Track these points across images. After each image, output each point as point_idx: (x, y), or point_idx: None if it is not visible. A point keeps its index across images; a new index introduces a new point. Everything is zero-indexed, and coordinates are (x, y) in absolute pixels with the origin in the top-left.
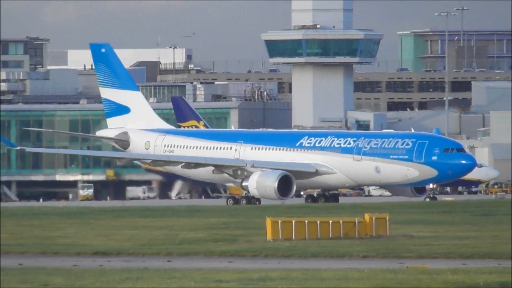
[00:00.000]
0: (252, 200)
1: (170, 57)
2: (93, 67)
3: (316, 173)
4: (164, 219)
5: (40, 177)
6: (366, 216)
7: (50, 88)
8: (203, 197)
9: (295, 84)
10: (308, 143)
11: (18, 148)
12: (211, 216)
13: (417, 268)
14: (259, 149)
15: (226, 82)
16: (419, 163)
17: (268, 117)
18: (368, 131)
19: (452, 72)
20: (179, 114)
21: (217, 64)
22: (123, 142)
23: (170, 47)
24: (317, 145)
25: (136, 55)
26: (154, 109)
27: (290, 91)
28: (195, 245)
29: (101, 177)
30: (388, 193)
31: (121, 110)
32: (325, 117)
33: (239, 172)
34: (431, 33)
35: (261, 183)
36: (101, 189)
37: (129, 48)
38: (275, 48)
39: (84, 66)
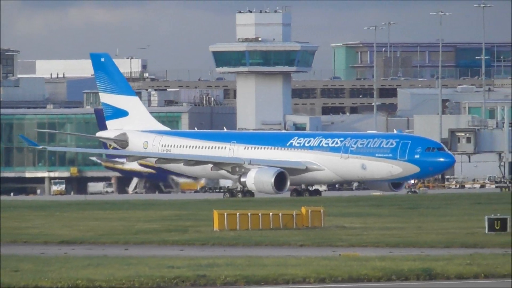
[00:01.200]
0: (246, 194)
1: (128, 66)
2: (58, 75)
3: (306, 170)
4: (122, 212)
5: (11, 174)
6: (303, 209)
7: (20, 95)
8: (157, 192)
9: (239, 91)
10: (298, 143)
11: (40, 147)
12: (164, 209)
13: (348, 255)
14: (251, 148)
15: (177, 89)
16: (403, 161)
17: (215, 120)
18: (354, 132)
19: (380, 80)
20: None
21: (170, 73)
22: (121, 142)
23: (128, 58)
24: (306, 144)
25: None
26: None
27: (234, 97)
28: (150, 235)
29: (65, 174)
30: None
31: (120, 113)
32: (266, 120)
33: (237, 169)
34: (361, 45)
35: (258, 179)
36: (66, 185)
37: (90, 59)
38: (221, 58)
39: (51, 74)
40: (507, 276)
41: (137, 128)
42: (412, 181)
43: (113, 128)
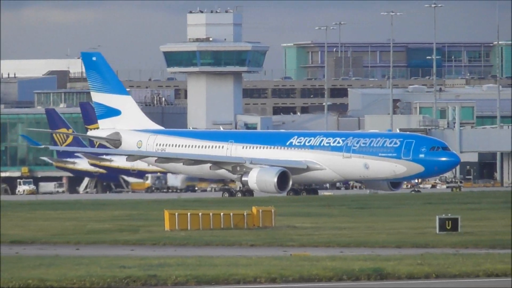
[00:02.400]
0: (246, 193)
1: (79, 66)
2: (9, 75)
3: (307, 169)
4: (73, 212)
5: None
6: (254, 209)
7: None
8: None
9: (190, 91)
10: (298, 142)
11: (43, 146)
12: (115, 209)
13: (299, 255)
14: (250, 147)
15: (128, 89)
16: (407, 160)
17: (166, 120)
18: (356, 131)
19: (331, 80)
20: (86, 118)
21: (121, 73)
22: (114, 141)
23: (79, 58)
24: (307, 144)
25: (48, 65)
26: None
27: (185, 97)
28: (101, 235)
29: (16, 173)
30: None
31: (112, 112)
32: (217, 120)
33: (238, 168)
34: (312, 45)
35: (261, 178)
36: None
37: (41, 59)
38: (172, 58)
39: (1, 74)
40: (458, 276)
41: (130, 127)
42: (416, 181)
43: (105, 128)
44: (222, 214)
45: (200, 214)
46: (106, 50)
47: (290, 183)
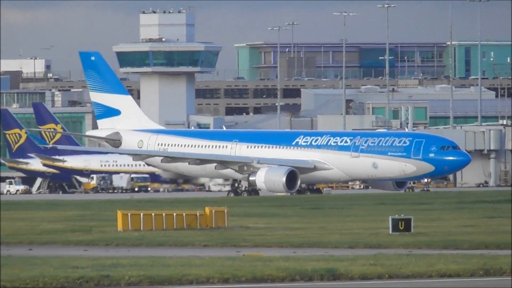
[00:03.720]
0: (252, 192)
1: (31, 67)
2: None
3: (314, 168)
4: (26, 212)
5: None
6: (207, 209)
7: None
8: (61, 192)
9: (143, 91)
10: (304, 141)
11: (50, 145)
12: (68, 209)
13: (252, 256)
14: (255, 147)
15: (81, 89)
16: (417, 160)
17: None
18: (364, 131)
19: (283, 80)
20: (39, 118)
21: (73, 73)
22: (114, 141)
23: (31, 58)
24: (313, 143)
25: (1, 65)
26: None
27: (138, 97)
28: (54, 235)
29: None
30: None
31: (111, 112)
32: (170, 120)
33: (245, 168)
34: (264, 45)
35: (269, 178)
36: None
37: None
38: (125, 59)
39: None
40: (411, 277)
41: (130, 127)
42: (426, 180)
43: (104, 127)
44: (175, 214)
45: (153, 214)
46: (59, 50)
47: (298, 182)
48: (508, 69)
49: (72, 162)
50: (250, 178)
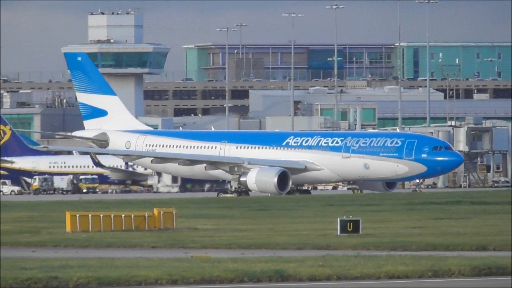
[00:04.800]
0: (242, 193)
1: None
2: None
3: (305, 169)
4: None
5: None
6: (155, 211)
7: None
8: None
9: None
10: (294, 142)
11: (42, 146)
12: (16, 211)
13: (201, 257)
14: (245, 148)
15: (29, 91)
16: (409, 160)
17: (67, 122)
18: (355, 131)
19: (232, 82)
20: None
21: (22, 74)
22: (101, 142)
23: None
24: (304, 144)
25: None
26: None
27: None
28: (2, 236)
29: None
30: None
31: (98, 113)
32: None
33: (236, 168)
34: (213, 46)
35: (260, 179)
36: None
37: None
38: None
39: None
40: (359, 278)
41: (118, 128)
42: (417, 181)
43: (91, 128)
44: (123, 215)
45: (101, 215)
46: (7, 51)
47: (290, 183)
48: (456, 70)
49: (20, 163)
50: (241, 179)
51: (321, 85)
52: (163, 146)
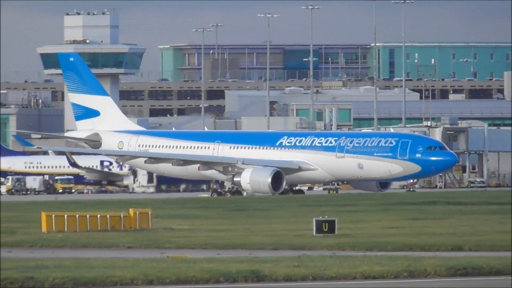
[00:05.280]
0: (235, 193)
1: None
2: None
3: (299, 169)
4: None
5: None
6: (131, 211)
7: None
8: None
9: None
10: (288, 142)
11: (35, 146)
12: None
13: (176, 257)
14: (238, 148)
15: (5, 91)
16: (403, 160)
17: (43, 122)
18: (349, 131)
19: (207, 82)
20: None
21: None
22: (94, 142)
23: None
24: (297, 144)
25: None
26: None
27: (63, 99)
28: None
29: None
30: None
31: (90, 113)
32: None
33: (229, 168)
34: (188, 47)
35: (254, 179)
36: None
37: None
38: (49, 60)
39: None
40: (335, 279)
41: (110, 128)
42: (411, 180)
43: (83, 128)
44: (99, 216)
45: (77, 216)
46: None
47: (284, 183)
48: (432, 71)
49: None
50: (235, 179)
51: (296, 86)
52: (156, 146)
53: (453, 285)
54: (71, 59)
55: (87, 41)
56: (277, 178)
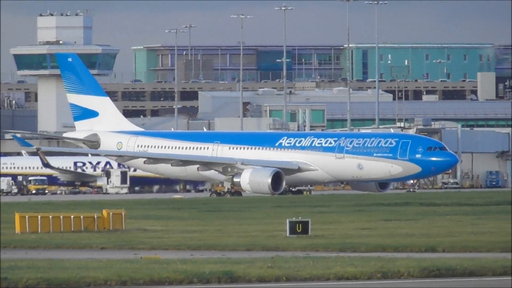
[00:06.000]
0: (234, 194)
1: None
2: None
3: (299, 170)
4: None
5: None
6: (104, 212)
7: None
8: None
9: (40, 93)
10: (287, 143)
11: (34, 147)
12: None
13: (150, 258)
14: (238, 148)
15: None
16: (403, 160)
17: (16, 123)
18: (349, 132)
19: (181, 83)
20: None
21: None
22: (92, 143)
23: None
24: (297, 144)
25: None
26: None
27: (36, 100)
28: None
29: None
30: None
31: (89, 114)
32: (67, 123)
33: (229, 169)
34: (162, 48)
35: (254, 179)
36: None
37: None
38: (22, 61)
39: None
40: (309, 280)
41: (108, 129)
42: (411, 181)
43: (81, 129)
44: (72, 217)
45: (50, 217)
46: None
47: (283, 183)
48: (405, 72)
49: None
50: (235, 179)
51: (270, 87)
52: (155, 147)
53: (425, 286)
54: (69, 59)
55: (61, 42)
56: (277, 179)
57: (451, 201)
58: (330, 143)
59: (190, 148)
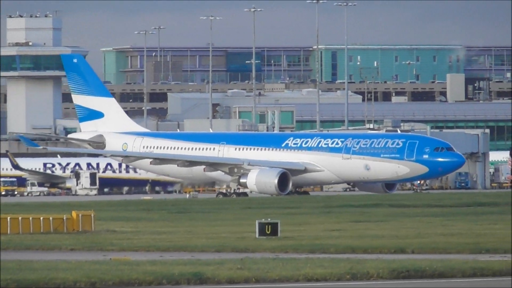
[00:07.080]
0: (241, 194)
1: None
2: None
3: (305, 170)
4: None
5: None
6: (74, 213)
7: None
8: None
9: (9, 95)
10: (294, 143)
11: (41, 147)
12: None
13: (119, 260)
14: (244, 149)
15: None
16: (411, 161)
17: None
18: (356, 132)
19: (150, 85)
20: None
21: None
22: (98, 144)
23: None
24: (303, 145)
25: None
26: None
27: (5, 102)
28: None
29: None
30: None
31: (94, 115)
32: (37, 125)
33: (235, 169)
34: (131, 49)
35: (261, 180)
36: None
37: None
38: None
39: None
40: (277, 281)
41: (114, 130)
42: (418, 182)
43: (87, 130)
44: (41, 218)
45: (20, 218)
46: None
47: (290, 184)
48: (375, 73)
49: None
50: (241, 180)
51: (239, 88)
52: (160, 148)
53: (395, 287)
54: (75, 60)
55: (30, 43)
56: (283, 180)
57: (421, 203)
58: (337, 143)
59: (196, 149)
